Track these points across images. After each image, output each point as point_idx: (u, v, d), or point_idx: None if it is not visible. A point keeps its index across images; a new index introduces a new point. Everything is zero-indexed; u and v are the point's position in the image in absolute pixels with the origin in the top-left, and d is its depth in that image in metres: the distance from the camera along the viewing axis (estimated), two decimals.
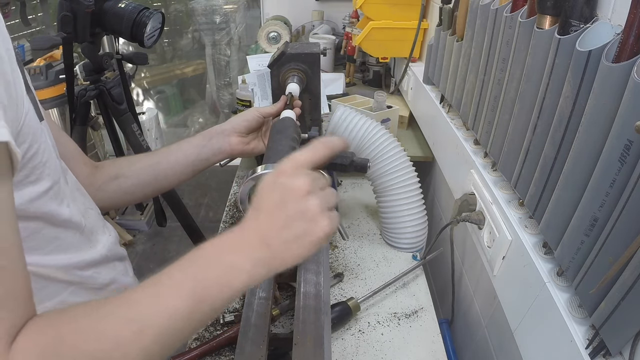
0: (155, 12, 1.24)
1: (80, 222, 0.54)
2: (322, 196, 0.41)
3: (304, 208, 0.40)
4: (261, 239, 0.40)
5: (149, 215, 2.43)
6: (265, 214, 0.41)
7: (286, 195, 0.40)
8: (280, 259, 0.40)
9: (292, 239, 0.40)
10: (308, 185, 0.40)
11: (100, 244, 0.58)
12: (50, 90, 1.87)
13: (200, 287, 0.38)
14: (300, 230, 0.40)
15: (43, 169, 0.46)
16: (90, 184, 0.69)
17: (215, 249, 0.41)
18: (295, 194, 0.40)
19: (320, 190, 0.42)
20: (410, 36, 1.36)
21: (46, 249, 0.48)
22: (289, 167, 0.42)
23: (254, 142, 0.76)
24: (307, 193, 0.40)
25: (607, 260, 0.45)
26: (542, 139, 0.60)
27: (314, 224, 0.40)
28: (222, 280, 0.39)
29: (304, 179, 0.41)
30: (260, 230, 0.40)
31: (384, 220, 0.95)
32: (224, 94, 3.32)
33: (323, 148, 0.44)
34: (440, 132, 1.08)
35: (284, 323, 0.79)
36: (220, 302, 0.39)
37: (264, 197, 0.42)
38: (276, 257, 0.40)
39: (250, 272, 0.39)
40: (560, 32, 0.54)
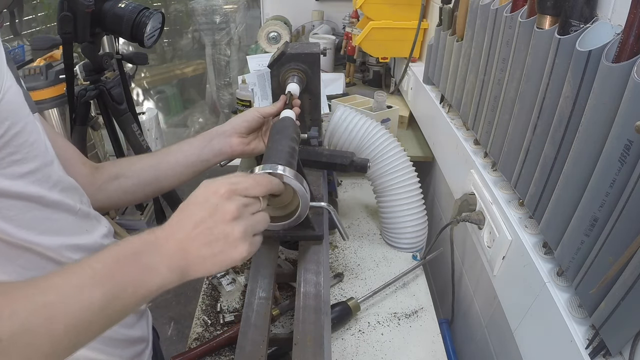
0: (155, 12, 1.24)
1: (74, 205, 0.54)
2: (249, 222, 0.44)
3: (227, 232, 0.42)
4: (182, 249, 0.42)
5: (149, 215, 2.43)
6: (191, 227, 0.43)
7: (214, 216, 0.43)
8: (194, 270, 0.42)
9: (209, 255, 0.42)
10: (237, 212, 0.43)
11: (97, 232, 0.59)
12: (50, 90, 1.86)
13: (116, 284, 0.39)
14: (219, 250, 0.42)
15: (30, 149, 0.46)
16: (90, 183, 0.69)
17: (136, 248, 0.42)
18: (223, 217, 0.43)
19: (250, 215, 0.45)
20: (410, 36, 1.36)
21: (38, 228, 0.49)
22: (225, 189, 0.44)
23: (254, 143, 0.76)
24: (234, 219, 0.43)
25: (607, 260, 0.45)
26: (542, 139, 0.60)
27: (232, 248, 0.43)
28: (138, 280, 0.40)
29: (235, 205, 0.43)
30: (182, 241, 0.42)
31: (384, 220, 0.95)
32: (224, 94, 3.32)
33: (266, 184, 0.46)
34: (440, 132, 1.08)
35: (284, 323, 0.79)
36: (133, 302, 0.40)
37: (195, 210, 0.43)
38: (191, 267, 0.42)
39: (164, 276, 0.41)
40: (560, 32, 0.54)
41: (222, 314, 0.80)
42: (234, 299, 0.85)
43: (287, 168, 0.52)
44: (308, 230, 0.76)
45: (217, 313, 0.82)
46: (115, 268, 0.40)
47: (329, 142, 0.92)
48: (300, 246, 0.76)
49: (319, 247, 0.75)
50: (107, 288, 0.38)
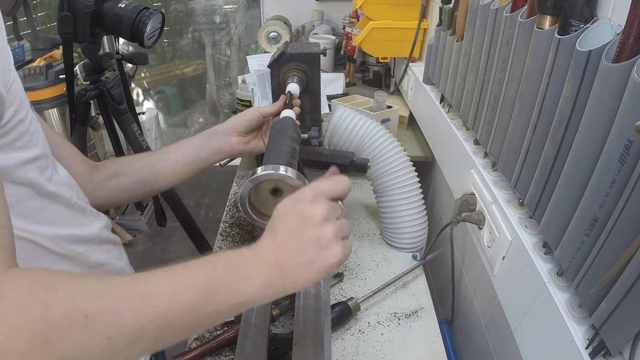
0: (155, 12, 1.24)
1: (69, 199, 0.55)
2: (338, 225, 0.43)
3: (319, 235, 0.41)
4: (275, 260, 0.41)
5: (149, 215, 2.43)
6: (282, 238, 0.42)
7: (303, 221, 0.42)
8: (291, 282, 0.41)
9: (304, 263, 0.41)
10: (325, 213, 0.42)
11: (93, 225, 0.59)
12: (50, 90, 1.86)
13: (211, 287, 0.39)
14: (314, 255, 0.41)
15: (31, 137, 0.48)
16: (88, 181, 0.69)
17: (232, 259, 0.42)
18: (312, 220, 0.42)
19: (336, 219, 0.44)
20: (410, 36, 1.36)
21: (35, 218, 0.49)
22: (309, 194, 0.44)
23: (254, 142, 0.76)
24: (324, 221, 0.42)
25: (607, 260, 0.45)
26: (542, 139, 0.60)
27: (327, 251, 0.41)
28: (232, 287, 0.40)
29: (321, 207, 0.42)
30: (275, 252, 0.42)
31: (384, 220, 0.95)
32: (224, 94, 3.32)
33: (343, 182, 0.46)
34: (440, 132, 1.08)
35: (284, 323, 0.79)
36: (225, 309, 0.40)
37: (282, 221, 0.43)
38: (287, 279, 0.41)
39: (260, 288, 0.41)
40: (560, 32, 0.54)
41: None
42: None
43: (289, 168, 0.52)
44: None
45: None
46: (211, 273, 0.40)
47: (329, 142, 0.92)
48: None
49: None
50: (199, 289, 0.39)
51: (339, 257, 0.42)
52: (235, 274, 0.41)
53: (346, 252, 0.43)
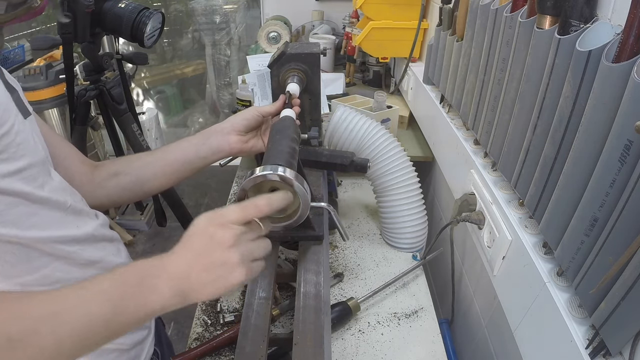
0: (155, 12, 1.24)
1: (63, 202, 0.56)
2: (246, 249, 0.47)
3: (225, 258, 0.45)
4: (185, 274, 0.45)
5: (149, 215, 2.43)
6: (192, 255, 0.46)
7: (213, 244, 0.46)
8: (195, 294, 0.45)
9: (209, 281, 0.45)
10: (232, 239, 0.46)
11: (88, 225, 0.60)
12: (50, 90, 1.86)
13: (121, 300, 0.42)
14: (217, 275, 0.45)
15: (17, 148, 0.49)
16: (89, 181, 0.70)
17: (142, 271, 0.45)
18: (220, 245, 0.46)
19: (249, 242, 0.48)
20: (410, 36, 1.36)
21: (24, 224, 0.50)
22: (218, 221, 0.47)
23: (253, 141, 0.76)
24: (230, 246, 0.46)
25: (607, 260, 0.45)
26: (542, 139, 0.60)
27: (230, 273, 0.46)
28: (141, 299, 0.43)
29: (229, 234, 0.46)
30: (186, 267, 0.45)
31: (384, 220, 0.95)
32: (224, 94, 3.32)
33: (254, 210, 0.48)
34: (440, 132, 1.08)
35: (284, 323, 0.79)
36: (135, 319, 0.43)
37: (195, 240, 0.47)
38: (192, 291, 0.45)
39: (166, 298, 0.44)
40: (560, 32, 0.54)
41: (222, 314, 0.81)
42: (234, 299, 0.85)
43: (288, 169, 0.52)
44: (308, 231, 0.76)
45: (217, 313, 0.82)
46: (122, 287, 0.43)
47: (329, 142, 0.92)
48: (300, 246, 0.76)
49: (319, 247, 0.75)
50: (111, 304, 0.42)
51: (240, 279, 0.46)
52: (145, 285, 0.44)
53: (250, 274, 0.47)
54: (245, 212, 0.48)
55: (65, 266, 0.56)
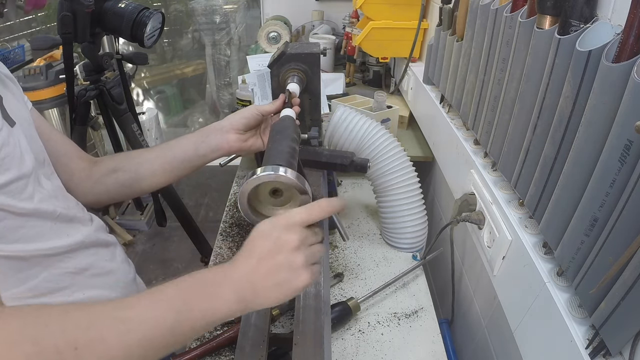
0: (155, 12, 1.24)
1: (52, 212, 0.55)
2: (309, 252, 0.47)
3: (290, 261, 0.45)
4: (248, 280, 0.45)
5: (149, 215, 2.43)
6: (257, 260, 0.45)
7: (278, 247, 0.46)
8: (260, 300, 0.45)
9: (274, 285, 0.45)
10: (297, 242, 0.46)
11: (79, 233, 0.60)
12: (50, 90, 1.86)
13: (186, 308, 0.42)
14: (283, 279, 0.45)
15: (1, 163, 0.49)
16: (87, 177, 0.70)
17: (206, 279, 0.45)
18: (285, 247, 0.45)
19: (309, 246, 0.48)
20: (410, 36, 1.36)
21: (11, 237, 0.50)
22: (284, 222, 0.47)
23: (252, 140, 0.76)
24: (296, 249, 0.46)
25: (607, 260, 0.45)
26: (542, 139, 0.60)
27: (296, 276, 0.45)
28: (206, 306, 0.43)
29: (295, 236, 0.46)
30: (249, 273, 0.45)
31: (384, 220, 0.95)
32: (224, 94, 3.32)
33: (319, 211, 0.48)
34: (440, 132, 1.08)
35: (284, 323, 0.79)
36: (200, 325, 0.43)
37: (258, 244, 0.47)
38: (257, 297, 0.45)
39: (231, 305, 0.44)
40: (560, 32, 0.54)
41: None
42: None
43: (289, 169, 0.52)
44: None
45: None
46: (187, 294, 0.43)
47: (329, 142, 0.92)
48: None
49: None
50: (176, 311, 0.42)
51: (305, 282, 0.46)
52: (208, 293, 0.44)
53: (313, 278, 0.47)
54: (311, 213, 0.48)
55: (55, 276, 0.56)
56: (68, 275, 0.57)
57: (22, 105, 0.59)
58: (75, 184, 0.68)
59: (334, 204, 0.49)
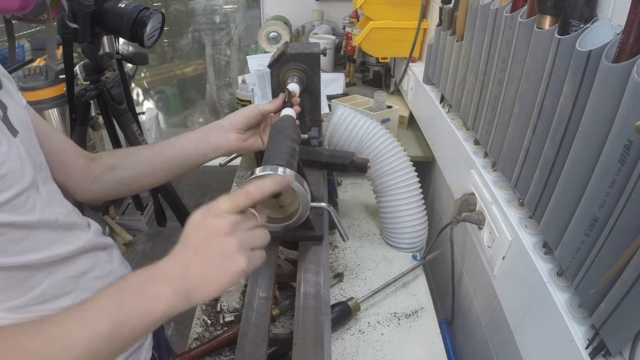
0: (155, 12, 1.24)
1: (55, 220, 0.55)
2: (244, 237, 0.46)
3: (223, 247, 0.44)
4: (184, 272, 0.44)
5: (149, 215, 2.43)
6: (191, 251, 0.45)
7: (209, 235, 0.45)
8: (199, 291, 0.44)
9: (210, 273, 0.44)
10: (228, 227, 0.45)
11: (80, 239, 0.60)
12: (50, 90, 1.86)
13: (122, 313, 0.41)
14: (218, 265, 0.44)
15: (3, 179, 0.48)
16: (85, 175, 0.69)
17: (139, 279, 0.44)
18: (216, 234, 0.45)
19: (246, 231, 0.47)
20: (410, 36, 1.36)
21: (14, 249, 0.50)
22: (213, 211, 0.47)
23: (252, 139, 0.76)
24: (227, 234, 0.45)
25: (607, 260, 0.45)
26: (542, 139, 0.60)
27: (231, 262, 0.44)
28: (143, 307, 0.42)
29: (225, 222, 0.45)
30: (182, 265, 0.44)
31: (384, 220, 0.95)
32: (224, 94, 3.32)
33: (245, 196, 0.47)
34: (440, 132, 1.08)
35: (284, 323, 0.79)
36: (142, 328, 0.42)
37: (191, 236, 0.46)
38: (195, 288, 0.44)
39: (170, 300, 0.43)
40: (560, 32, 0.54)
41: (222, 314, 0.80)
42: (234, 299, 0.85)
43: (288, 169, 0.52)
44: (308, 231, 0.76)
45: (217, 313, 0.82)
46: (120, 299, 0.42)
47: (329, 142, 0.92)
48: (300, 246, 0.76)
49: (319, 248, 0.75)
50: (111, 319, 0.41)
51: (242, 267, 0.44)
52: (143, 293, 0.43)
53: (252, 262, 0.45)
54: (237, 199, 0.47)
55: (58, 281, 0.56)
56: (71, 279, 0.57)
57: (21, 109, 0.59)
58: (73, 181, 0.68)
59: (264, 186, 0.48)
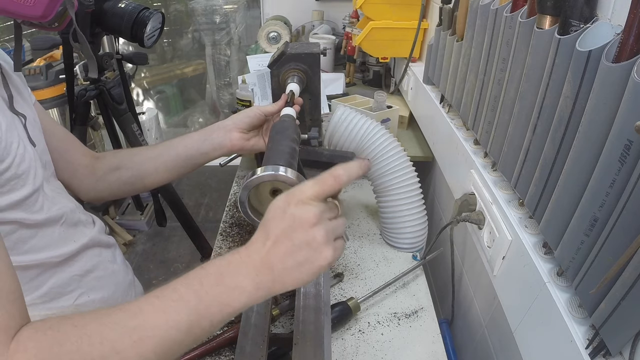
0: (155, 12, 1.24)
1: (61, 216, 0.56)
2: (329, 227, 0.43)
3: (309, 238, 0.41)
4: (265, 263, 0.41)
5: (149, 215, 2.43)
6: (273, 241, 0.42)
7: (294, 225, 0.42)
8: (281, 283, 0.42)
9: (294, 265, 0.41)
10: (315, 217, 0.42)
11: (84, 237, 0.60)
12: (50, 90, 1.86)
13: (202, 305, 0.40)
14: (303, 258, 0.41)
15: (17, 180, 0.49)
16: (90, 174, 0.70)
17: (220, 269, 0.42)
18: (302, 224, 0.42)
19: (329, 220, 0.43)
20: (410, 36, 1.36)
21: (22, 248, 0.51)
22: (297, 198, 0.43)
23: (255, 139, 0.77)
24: (314, 225, 0.42)
25: (607, 260, 0.45)
26: (542, 139, 0.60)
27: (317, 254, 0.41)
28: (223, 299, 0.40)
29: (312, 211, 0.42)
30: (265, 256, 0.42)
31: (384, 220, 0.95)
32: (224, 94, 3.32)
33: (332, 181, 0.44)
34: (440, 132, 1.08)
35: (284, 323, 0.79)
36: (219, 320, 0.41)
37: (273, 224, 0.43)
38: (277, 281, 0.42)
39: (250, 293, 0.41)
40: (560, 32, 0.54)
41: None
42: None
43: (289, 169, 0.52)
44: None
45: None
46: (200, 290, 0.40)
47: (329, 142, 0.92)
48: None
49: None
50: (190, 310, 0.39)
51: (329, 260, 0.42)
52: (223, 284, 0.41)
53: (337, 254, 0.43)
54: (325, 184, 0.43)
55: (63, 280, 0.56)
56: (75, 278, 0.58)
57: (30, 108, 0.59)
58: (78, 180, 0.69)
59: (352, 170, 0.44)
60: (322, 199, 0.44)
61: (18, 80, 0.59)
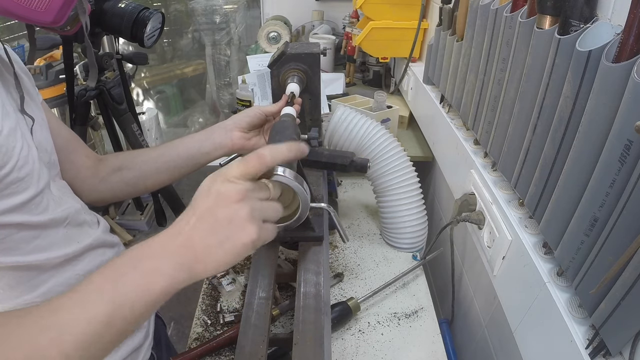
0: (155, 12, 1.24)
1: (65, 217, 0.56)
2: (256, 206, 0.41)
3: (232, 213, 0.40)
4: (187, 242, 0.40)
5: (149, 215, 2.43)
6: (197, 217, 0.40)
7: (217, 201, 0.40)
8: (203, 264, 0.39)
9: (216, 244, 0.39)
10: (238, 193, 0.40)
11: (89, 237, 0.60)
12: (50, 90, 1.86)
13: (118, 292, 0.38)
14: (224, 236, 0.40)
15: (19, 183, 0.48)
16: (93, 175, 0.70)
17: (136, 254, 0.40)
18: (225, 200, 0.40)
19: (258, 200, 0.42)
20: (410, 36, 1.36)
21: (25, 249, 0.50)
22: (224, 176, 0.42)
23: (255, 139, 0.77)
24: (237, 201, 0.40)
25: (607, 260, 0.45)
26: (542, 139, 0.60)
27: (239, 230, 0.40)
28: (141, 284, 0.38)
29: (235, 188, 0.41)
30: (187, 234, 0.40)
31: (384, 220, 0.95)
32: (224, 94, 3.32)
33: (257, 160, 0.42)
34: (440, 132, 1.08)
35: (284, 323, 0.79)
36: (141, 308, 0.38)
37: (198, 202, 0.42)
38: (199, 261, 0.39)
39: (170, 276, 0.39)
40: (560, 32, 0.54)
41: (222, 314, 0.81)
42: (234, 299, 0.85)
43: (287, 169, 0.52)
44: (308, 231, 0.76)
45: (217, 313, 0.82)
46: (115, 277, 0.38)
47: (329, 142, 0.92)
48: (300, 247, 0.76)
49: (319, 248, 0.75)
50: (107, 299, 0.37)
51: (252, 237, 0.40)
52: (140, 268, 0.39)
53: (263, 234, 0.41)
54: (248, 164, 0.42)
55: (65, 279, 0.56)
56: (77, 278, 0.57)
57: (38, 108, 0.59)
58: (82, 181, 0.69)
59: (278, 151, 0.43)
60: (248, 179, 0.42)
61: (27, 81, 0.59)
